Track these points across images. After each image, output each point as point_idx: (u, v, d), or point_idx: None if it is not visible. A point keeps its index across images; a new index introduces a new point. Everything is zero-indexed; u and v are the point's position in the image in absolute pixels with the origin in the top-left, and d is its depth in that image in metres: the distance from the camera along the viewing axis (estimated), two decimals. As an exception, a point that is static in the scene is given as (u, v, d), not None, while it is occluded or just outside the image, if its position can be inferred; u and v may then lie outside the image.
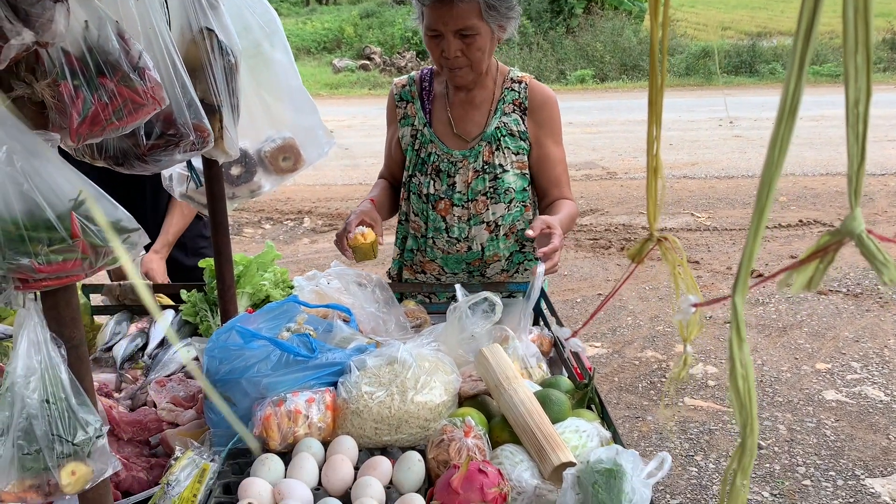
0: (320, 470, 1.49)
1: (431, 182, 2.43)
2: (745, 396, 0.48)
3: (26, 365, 1.03)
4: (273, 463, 1.48)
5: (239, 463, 1.55)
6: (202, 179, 1.90)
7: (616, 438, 1.61)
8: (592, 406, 1.79)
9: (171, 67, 1.32)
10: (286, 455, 1.54)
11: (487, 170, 2.38)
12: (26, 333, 1.03)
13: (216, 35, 1.61)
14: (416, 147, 2.47)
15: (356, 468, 1.50)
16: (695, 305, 0.62)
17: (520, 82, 2.42)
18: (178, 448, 1.60)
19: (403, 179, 2.52)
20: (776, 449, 3.78)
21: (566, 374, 1.96)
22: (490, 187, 2.39)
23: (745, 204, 8.07)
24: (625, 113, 13.47)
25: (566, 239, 2.38)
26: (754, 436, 0.49)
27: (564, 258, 6.54)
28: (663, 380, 4.49)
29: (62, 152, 1.09)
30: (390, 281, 2.64)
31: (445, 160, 2.41)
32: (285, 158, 2.10)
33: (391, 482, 1.47)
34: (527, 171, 2.43)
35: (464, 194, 2.40)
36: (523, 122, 2.40)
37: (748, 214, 7.57)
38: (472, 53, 2.26)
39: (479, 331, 1.87)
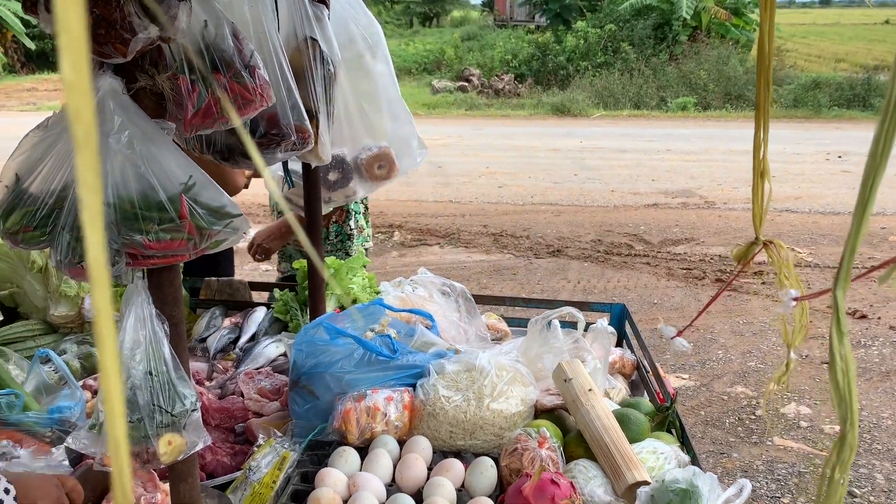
0: (394, 467, 1.52)
1: None
2: (844, 390, 0.48)
3: (133, 338, 1.11)
4: (350, 456, 1.52)
5: (317, 454, 1.60)
6: (294, 181, 1.99)
7: (695, 463, 1.57)
8: (673, 430, 1.75)
9: (278, 70, 1.39)
10: (363, 450, 1.58)
11: None
12: (134, 309, 1.11)
13: (319, 45, 1.69)
14: None
15: (429, 468, 1.53)
16: (796, 299, 0.61)
17: None
18: (261, 436, 1.67)
19: None
20: (871, 499, 3.56)
21: (647, 397, 1.93)
22: None
23: (851, 242, 7.62)
24: (727, 142, 13.06)
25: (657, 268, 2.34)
26: (854, 430, 0.49)
27: (655, 286, 6.39)
28: (752, 417, 4.31)
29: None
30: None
31: None
32: (380, 166, 2.17)
33: (463, 485, 1.49)
34: None
35: None
36: None
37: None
38: None
39: (560, 345, 1.87)
